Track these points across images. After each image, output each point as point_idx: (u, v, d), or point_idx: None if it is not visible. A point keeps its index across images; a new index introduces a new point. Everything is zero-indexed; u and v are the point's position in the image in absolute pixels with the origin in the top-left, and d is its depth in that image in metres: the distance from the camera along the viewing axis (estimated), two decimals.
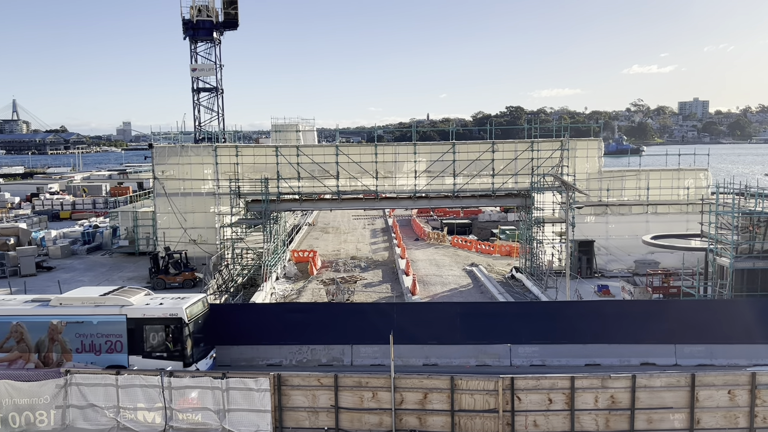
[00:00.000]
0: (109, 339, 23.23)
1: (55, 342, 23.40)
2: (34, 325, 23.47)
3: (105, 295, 24.17)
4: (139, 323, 23.18)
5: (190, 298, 24.61)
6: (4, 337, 23.47)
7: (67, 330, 23.36)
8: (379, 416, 18.80)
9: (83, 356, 23.20)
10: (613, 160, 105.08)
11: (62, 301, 24.00)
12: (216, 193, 43.12)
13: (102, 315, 23.35)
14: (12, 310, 23.92)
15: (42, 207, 76.25)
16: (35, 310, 23.81)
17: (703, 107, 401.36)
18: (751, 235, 30.76)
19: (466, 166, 42.53)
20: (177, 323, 23.16)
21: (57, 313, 23.53)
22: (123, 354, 23.17)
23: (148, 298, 24.57)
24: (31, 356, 23.40)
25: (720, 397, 18.37)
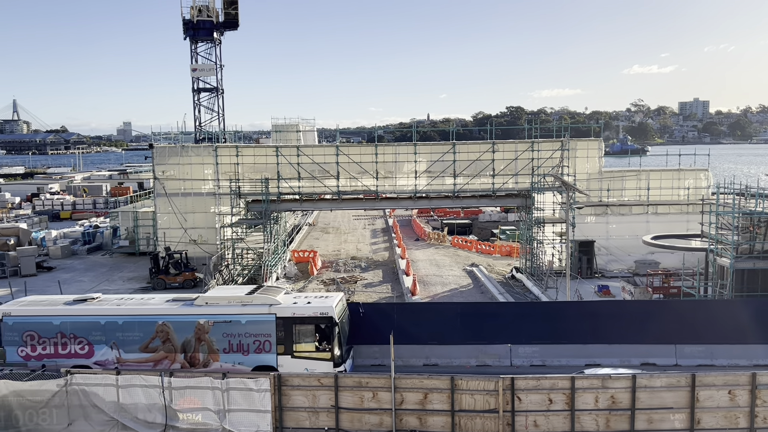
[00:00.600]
0: (257, 339, 22.85)
1: (201, 342, 23.10)
2: (180, 324, 23.19)
3: (251, 293, 23.79)
4: (289, 322, 22.76)
5: (333, 296, 24.24)
6: (150, 337, 23.24)
7: (214, 330, 23.02)
8: (379, 416, 18.80)
9: (230, 356, 22.94)
10: (618, 160, 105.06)
11: (208, 300, 23.67)
12: (216, 194, 43.12)
13: (250, 314, 22.98)
14: (157, 309, 23.73)
15: (42, 207, 76.31)
16: (181, 309, 23.51)
17: (703, 107, 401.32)
18: (751, 235, 30.76)
19: (467, 166, 42.52)
20: (328, 322, 22.71)
21: (204, 313, 23.20)
22: (272, 354, 22.82)
23: (291, 297, 24.25)
24: (177, 356, 23.17)
25: (720, 398, 18.37)
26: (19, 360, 23.53)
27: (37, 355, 23.59)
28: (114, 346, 23.38)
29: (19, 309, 24.17)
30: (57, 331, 23.54)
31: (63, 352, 23.52)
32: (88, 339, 23.46)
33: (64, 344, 23.53)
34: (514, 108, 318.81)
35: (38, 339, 23.60)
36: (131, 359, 23.29)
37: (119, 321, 23.45)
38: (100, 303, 24.50)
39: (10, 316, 23.78)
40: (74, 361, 23.24)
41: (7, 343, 23.68)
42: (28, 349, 23.65)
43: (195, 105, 54.33)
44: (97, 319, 23.57)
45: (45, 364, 23.29)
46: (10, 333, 23.65)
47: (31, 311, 24.07)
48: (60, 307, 24.26)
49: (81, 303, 24.38)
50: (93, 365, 23.16)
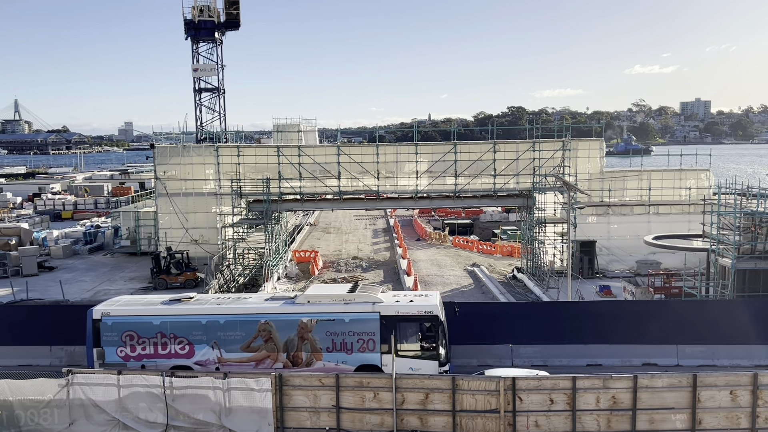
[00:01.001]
0: (361, 338, 22.55)
1: (304, 341, 22.77)
2: (282, 323, 22.87)
3: (351, 292, 23.56)
4: (393, 321, 22.43)
5: (433, 294, 24.01)
6: (252, 336, 22.94)
7: (317, 328, 22.69)
8: (380, 416, 18.80)
9: (334, 355, 22.64)
10: (622, 160, 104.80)
11: (309, 298, 23.35)
12: (217, 193, 43.16)
13: (354, 312, 22.68)
14: (259, 308, 23.43)
15: (44, 207, 76.42)
16: (283, 308, 23.21)
17: (704, 107, 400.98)
18: (752, 235, 30.73)
19: (468, 166, 42.52)
20: (433, 321, 22.40)
21: (307, 311, 22.89)
22: (376, 353, 22.52)
23: (391, 295, 24.01)
24: (279, 356, 22.84)
25: (722, 398, 18.35)
26: (118, 360, 23.15)
27: (137, 356, 23.22)
28: (215, 346, 23.01)
29: (118, 309, 23.74)
30: (157, 331, 23.12)
31: (163, 352, 23.14)
32: (188, 339, 23.06)
33: (164, 344, 23.12)
34: (516, 108, 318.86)
35: (138, 339, 23.19)
36: (233, 359, 22.93)
37: (221, 320, 23.07)
38: (198, 302, 24.17)
39: (109, 316, 23.39)
40: (174, 361, 22.98)
41: (106, 344, 23.30)
42: (127, 349, 23.26)
43: (196, 105, 54.36)
44: (198, 318, 23.19)
45: (144, 364, 23.02)
46: (109, 333, 23.27)
47: (131, 311, 23.67)
48: (160, 306, 23.85)
49: (177, 302, 24.01)
50: (193, 365, 22.81)
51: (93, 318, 23.52)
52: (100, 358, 23.26)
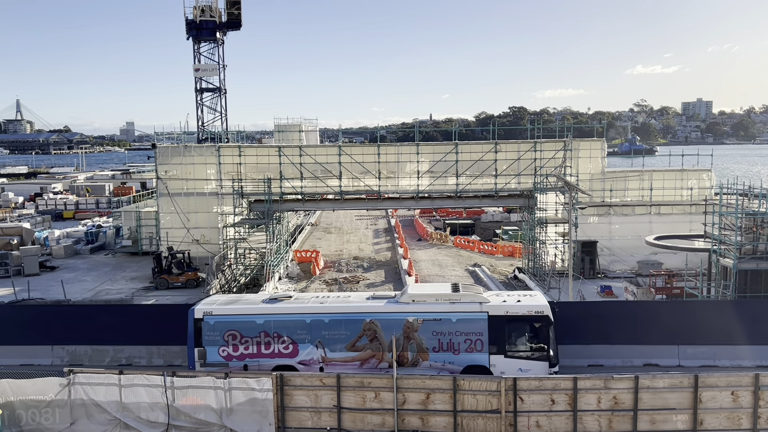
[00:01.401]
0: (468, 338, 22.29)
1: (410, 341, 22.49)
2: (388, 323, 22.55)
3: (455, 291, 23.26)
4: (501, 321, 22.20)
5: (538, 295, 23.85)
6: (356, 335, 22.68)
7: (423, 328, 22.42)
8: (381, 416, 18.81)
9: (440, 355, 22.42)
10: (627, 160, 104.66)
11: (414, 297, 23.05)
12: (219, 193, 43.18)
13: (461, 312, 22.45)
14: (364, 307, 23.17)
15: (45, 207, 76.50)
16: (388, 307, 22.97)
17: (706, 108, 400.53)
18: (754, 235, 30.68)
19: (469, 166, 42.51)
20: (544, 321, 22.21)
21: (413, 311, 22.61)
22: (484, 354, 22.26)
23: (494, 295, 23.81)
24: (384, 355, 22.48)
25: (723, 398, 18.34)
26: (220, 360, 22.94)
27: (239, 355, 22.97)
28: (319, 345, 22.76)
29: (220, 308, 23.48)
30: (260, 331, 22.88)
31: (266, 351, 22.89)
32: (292, 338, 22.82)
33: (267, 344, 22.89)
34: (517, 108, 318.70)
35: (240, 339, 22.95)
36: (337, 358, 22.71)
37: (325, 319, 22.84)
38: (299, 301, 23.98)
39: (211, 315, 23.14)
40: (277, 360, 22.76)
41: (208, 344, 23.04)
42: (229, 349, 23.01)
43: (198, 105, 54.38)
44: (303, 317, 22.94)
45: (247, 364, 22.84)
46: (211, 333, 23.03)
47: (233, 310, 23.38)
48: (263, 305, 23.62)
49: (278, 301, 23.81)
50: (297, 365, 22.66)
51: (194, 317, 23.19)
52: (201, 358, 22.99)
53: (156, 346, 27.10)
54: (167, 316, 28.09)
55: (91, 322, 27.57)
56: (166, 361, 26.86)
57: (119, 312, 29.31)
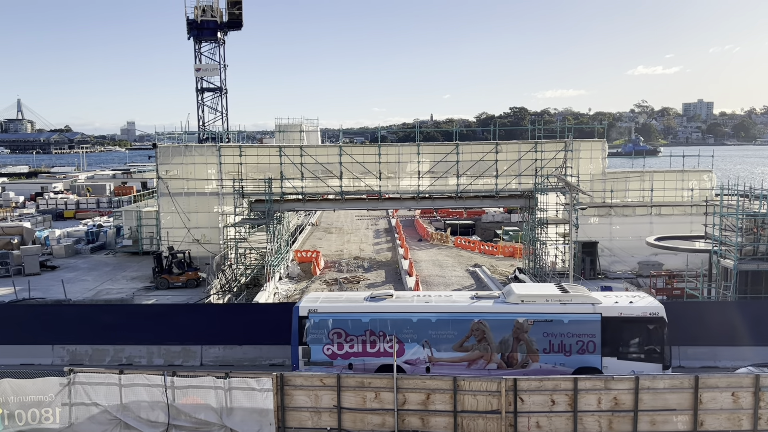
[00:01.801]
0: (580, 339, 21.97)
1: (520, 342, 22.15)
2: (497, 323, 22.25)
3: (565, 292, 23.03)
4: (615, 323, 21.90)
5: (646, 296, 23.70)
6: (464, 335, 22.34)
7: (534, 329, 22.10)
8: (381, 417, 18.81)
9: (551, 357, 22.10)
10: (630, 160, 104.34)
11: (523, 298, 22.75)
12: (219, 193, 43.19)
13: (573, 313, 22.18)
14: (472, 307, 22.81)
15: (46, 206, 76.52)
16: (497, 307, 22.66)
17: (707, 108, 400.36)
18: (755, 236, 30.68)
19: (470, 166, 42.50)
20: (658, 323, 22.00)
21: (523, 311, 22.29)
22: (596, 355, 21.96)
23: (602, 295, 23.60)
24: (493, 356, 22.25)
25: (723, 399, 18.34)
26: (324, 359, 22.63)
27: (344, 354, 22.63)
28: (426, 345, 22.40)
29: (325, 306, 23.18)
30: (366, 329, 22.57)
31: (371, 350, 22.54)
32: (398, 337, 22.29)
33: (372, 342, 22.53)
34: (518, 108, 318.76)
35: (345, 337, 22.63)
36: (444, 358, 22.39)
37: (432, 318, 22.50)
38: (402, 300, 23.73)
39: (316, 313, 22.82)
40: (383, 360, 22.39)
41: (312, 342, 22.73)
42: (334, 347, 22.67)
43: (198, 105, 54.44)
44: (410, 316, 22.61)
45: (352, 363, 22.52)
46: (316, 330, 22.70)
47: (339, 308, 23.13)
48: (368, 303, 23.28)
49: (379, 300, 23.47)
50: (403, 365, 22.15)
51: (299, 315, 22.90)
52: (305, 356, 22.70)
53: (156, 346, 27.18)
54: (168, 315, 28.19)
55: (91, 322, 27.59)
56: (166, 360, 26.91)
57: (120, 311, 29.37)
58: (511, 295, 22.97)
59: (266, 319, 28.06)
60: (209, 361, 26.85)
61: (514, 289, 23.45)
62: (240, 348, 27.00)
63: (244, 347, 27.01)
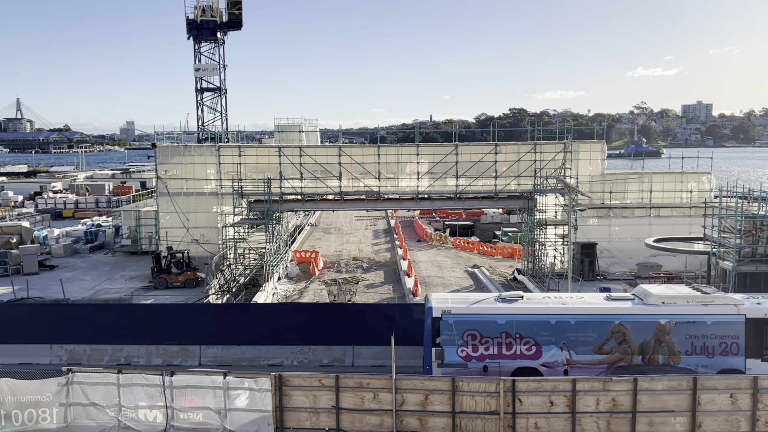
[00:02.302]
0: (723, 341, 21.92)
1: (661, 344, 22.05)
2: (638, 325, 22.07)
3: (707, 293, 22.85)
4: (759, 324, 21.86)
5: None
6: (604, 337, 22.14)
7: (675, 331, 21.99)
8: (380, 417, 18.80)
9: (693, 359, 21.97)
10: (630, 162, 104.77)
11: (663, 299, 22.49)
12: (219, 193, 43.16)
13: (716, 315, 22.05)
14: (612, 309, 22.57)
15: (45, 205, 76.43)
16: (638, 309, 22.46)
17: (706, 110, 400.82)
18: (753, 238, 30.71)
19: (469, 167, 42.51)
20: None
21: (665, 313, 22.16)
22: (739, 357, 21.90)
23: (741, 297, 23.39)
24: (633, 358, 22.08)
25: (722, 401, 18.36)
26: (458, 361, 22.44)
27: (479, 356, 22.42)
28: (564, 347, 22.22)
29: (460, 307, 22.92)
30: (502, 331, 22.37)
31: (507, 353, 22.35)
32: (535, 339, 22.25)
33: (508, 345, 22.36)
34: (517, 110, 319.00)
35: (480, 339, 22.43)
36: (583, 361, 22.20)
37: (571, 321, 22.27)
38: (535, 301, 23.55)
39: (450, 314, 22.55)
40: (519, 362, 22.25)
41: (446, 343, 22.48)
42: (468, 349, 22.46)
43: (198, 105, 54.38)
44: (547, 318, 22.37)
45: (487, 365, 22.33)
46: (450, 332, 22.46)
47: (473, 309, 22.86)
48: (505, 305, 23.02)
49: (511, 301, 23.26)
50: (540, 367, 22.19)
51: (433, 316, 22.61)
52: (438, 358, 22.50)
53: (155, 346, 27.17)
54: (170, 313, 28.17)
55: (89, 322, 27.57)
56: (164, 360, 26.90)
57: (118, 311, 29.35)
58: (649, 297, 22.80)
59: (265, 320, 28.10)
60: (208, 361, 26.84)
61: (650, 290, 23.30)
62: (238, 348, 27.01)
63: (242, 347, 27.02)
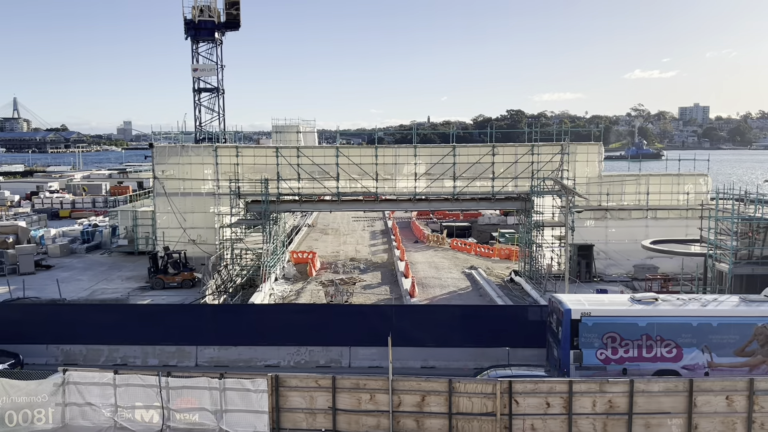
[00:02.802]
0: None
1: None
2: None
3: None
4: None
5: None
6: (746, 340, 22.03)
7: None
8: (376, 418, 18.79)
9: None
10: (633, 164, 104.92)
11: None
12: (216, 194, 43.11)
13: None
14: (757, 311, 22.38)
15: (42, 205, 76.27)
16: None
17: (703, 113, 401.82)
18: (750, 240, 30.77)
19: (467, 169, 42.53)
20: None
21: None
22: None
23: None
24: None
25: (718, 403, 18.38)
26: (597, 363, 22.31)
27: (618, 359, 22.31)
28: (705, 350, 22.08)
29: (599, 309, 22.75)
30: (642, 333, 22.25)
31: (647, 355, 22.26)
32: (675, 341, 22.12)
33: (649, 347, 22.24)
34: (515, 111, 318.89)
35: (620, 341, 22.31)
36: (724, 363, 22.11)
37: (714, 323, 22.09)
38: (669, 303, 23.30)
39: (590, 316, 22.39)
40: (659, 365, 22.18)
41: (585, 346, 22.35)
42: (608, 351, 22.33)
43: (195, 105, 54.30)
44: (689, 320, 22.22)
45: (626, 368, 22.17)
46: (589, 335, 22.32)
47: (614, 311, 22.72)
48: (645, 307, 22.83)
49: (648, 303, 23.06)
50: (680, 370, 22.06)
51: (572, 318, 22.45)
52: (577, 361, 22.39)
53: (151, 346, 27.12)
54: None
55: (86, 322, 27.49)
56: (161, 361, 26.84)
57: (115, 311, 29.28)
58: None
59: (262, 320, 28.07)
60: (204, 362, 26.81)
61: None
62: (235, 349, 26.97)
63: (239, 348, 26.98)
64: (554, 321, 23.78)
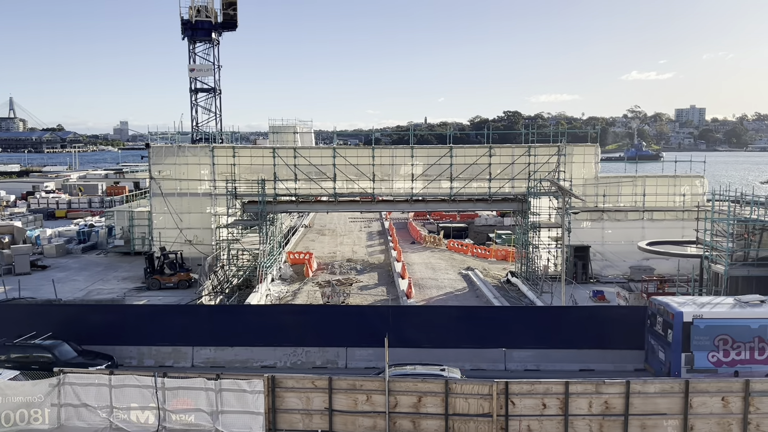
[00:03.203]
0: None
1: None
2: None
3: None
4: None
5: None
6: None
7: None
8: (373, 419, 18.77)
9: None
10: (629, 165, 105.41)
11: None
12: (212, 194, 43.04)
13: None
14: None
15: (37, 205, 76.06)
16: None
17: (699, 114, 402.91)
18: (746, 242, 30.82)
19: (463, 170, 42.52)
20: None
21: None
22: None
23: None
24: None
25: (713, 404, 18.42)
26: (709, 366, 22.53)
27: (730, 361, 22.52)
28: None
29: (712, 312, 22.90)
30: (755, 336, 22.46)
31: (760, 357, 22.47)
32: None
33: (761, 349, 22.47)
34: (512, 112, 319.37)
35: (732, 344, 22.55)
36: None
37: None
38: None
39: (702, 318, 22.54)
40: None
41: (696, 348, 22.51)
42: (720, 354, 22.54)
43: (192, 105, 54.23)
44: None
45: (738, 370, 22.29)
46: (701, 337, 22.48)
47: (726, 314, 22.87)
48: (759, 309, 22.96)
49: (758, 305, 23.19)
50: None
51: (684, 321, 22.59)
52: (688, 364, 22.51)
53: (147, 347, 27.04)
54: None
55: (81, 322, 27.38)
56: (157, 361, 26.77)
57: (111, 311, 29.20)
58: None
59: (258, 321, 28.02)
60: (200, 363, 26.75)
61: None
62: (231, 349, 26.93)
63: (235, 348, 26.94)
64: (660, 323, 23.78)
